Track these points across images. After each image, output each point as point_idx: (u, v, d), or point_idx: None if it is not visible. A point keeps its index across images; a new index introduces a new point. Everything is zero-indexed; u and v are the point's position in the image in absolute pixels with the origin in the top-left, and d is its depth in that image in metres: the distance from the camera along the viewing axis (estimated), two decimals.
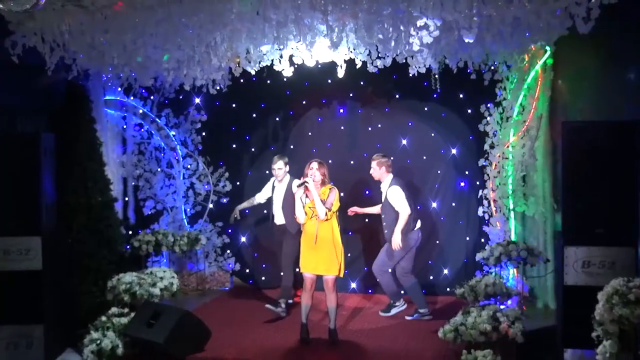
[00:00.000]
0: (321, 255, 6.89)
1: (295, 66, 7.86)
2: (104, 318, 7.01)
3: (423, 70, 7.60)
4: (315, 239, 6.86)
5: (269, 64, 7.55)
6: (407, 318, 8.04)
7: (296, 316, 7.27)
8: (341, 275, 7.12)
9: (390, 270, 8.13)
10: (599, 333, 5.65)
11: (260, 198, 8.77)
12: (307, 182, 6.95)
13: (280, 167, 8.38)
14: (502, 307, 6.83)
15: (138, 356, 6.72)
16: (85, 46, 6.82)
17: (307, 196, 6.99)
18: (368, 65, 7.40)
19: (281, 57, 7.38)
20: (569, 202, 6.46)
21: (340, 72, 7.60)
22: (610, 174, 6.27)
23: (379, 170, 8.12)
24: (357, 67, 7.59)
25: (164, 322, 6.54)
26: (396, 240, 7.78)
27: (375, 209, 8.38)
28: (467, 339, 6.28)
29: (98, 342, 6.59)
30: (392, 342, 6.99)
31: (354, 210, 8.41)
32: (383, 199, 8.12)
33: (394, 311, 8.16)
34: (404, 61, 7.28)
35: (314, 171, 7.02)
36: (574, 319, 6.26)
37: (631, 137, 6.22)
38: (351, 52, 7.28)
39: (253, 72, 7.70)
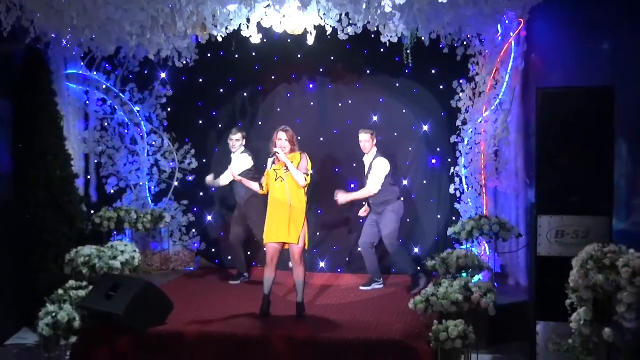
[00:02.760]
0: (283, 222, 6.66)
1: (265, 40, 7.64)
2: (60, 291, 6.69)
3: (395, 40, 7.43)
4: (289, 199, 6.66)
5: (236, 28, 7.28)
6: (362, 288, 8.08)
7: (262, 293, 6.99)
8: (305, 247, 6.89)
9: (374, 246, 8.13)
10: (573, 300, 5.53)
11: (224, 180, 8.56)
12: (277, 153, 6.74)
13: (238, 138, 8.35)
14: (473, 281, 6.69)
15: (97, 329, 6.41)
16: (43, 5, 6.51)
17: (274, 162, 6.78)
18: (339, 32, 7.20)
19: (248, 20, 7.13)
20: (543, 170, 6.29)
21: (311, 40, 7.37)
22: (586, 141, 6.12)
23: (372, 143, 7.99)
24: (328, 33, 7.39)
25: (124, 294, 6.26)
26: (344, 199, 8.01)
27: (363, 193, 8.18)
28: (438, 310, 6.11)
29: (54, 314, 6.28)
30: (361, 315, 6.80)
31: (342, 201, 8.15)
32: (367, 171, 8.02)
33: (374, 286, 8.06)
34: (376, 29, 7.09)
35: (283, 142, 6.81)
36: (546, 290, 6.13)
37: (607, 103, 6.08)
38: (321, 17, 7.07)
39: (220, 39, 7.42)
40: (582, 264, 5.42)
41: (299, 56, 8.95)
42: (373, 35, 7.70)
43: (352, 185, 8.90)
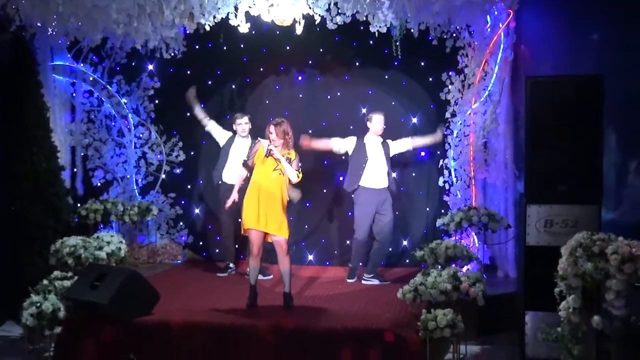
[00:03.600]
0: (276, 214, 6.60)
1: (253, 32, 7.56)
2: (45, 282, 6.61)
3: (384, 30, 7.40)
4: (287, 195, 6.67)
5: (224, 16, 7.22)
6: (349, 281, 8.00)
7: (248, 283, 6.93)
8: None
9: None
10: (562, 288, 5.50)
11: (208, 123, 8.68)
12: (272, 151, 6.68)
13: (247, 121, 8.31)
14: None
15: (82, 320, 6.33)
16: None
17: (270, 155, 6.73)
18: (328, 22, 7.18)
19: (236, 9, 7.08)
20: (532, 159, 6.28)
21: (299, 29, 7.33)
22: (575, 129, 6.11)
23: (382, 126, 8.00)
24: (316, 22, 7.34)
25: (109, 283, 6.16)
26: None
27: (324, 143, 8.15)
28: (426, 299, 6.07)
29: (38, 304, 6.18)
30: (349, 306, 6.74)
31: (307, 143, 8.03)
32: (379, 152, 7.99)
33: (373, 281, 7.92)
34: (365, 19, 7.07)
35: (273, 136, 6.75)
36: (535, 280, 6.12)
37: (596, 91, 6.07)
38: (310, 6, 7.02)
39: (208, 27, 7.36)
40: (571, 252, 5.39)
41: (288, 48, 8.90)
42: (362, 27, 7.71)
43: (341, 178, 8.85)
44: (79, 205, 8.92)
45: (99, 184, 9.37)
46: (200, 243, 9.41)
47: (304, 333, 5.95)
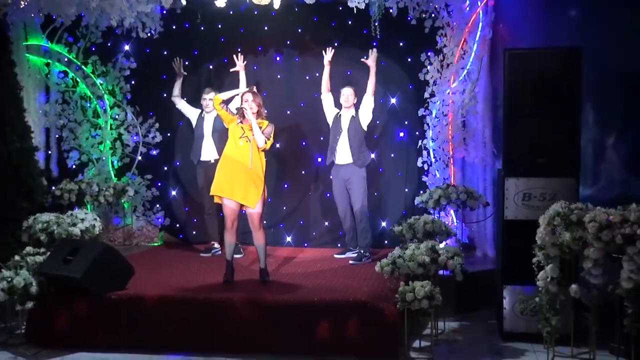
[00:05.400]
0: (241, 183, 6.50)
1: (231, 12, 7.44)
2: (17, 257, 6.47)
3: (362, 6, 7.36)
4: (250, 162, 6.49)
5: None
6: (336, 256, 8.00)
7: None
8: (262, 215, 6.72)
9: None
10: (539, 259, 5.49)
11: (179, 102, 8.61)
12: (244, 108, 6.61)
13: (211, 97, 8.12)
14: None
15: (54, 295, 6.21)
16: None
17: (241, 121, 6.64)
18: None
19: None
20: (510, 132, 6.27)
21: (277, 3, 7.25)
22: (553, 102, 6.11)
23: (353, 98, 7.88)
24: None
25: (82, 257, 6.06)
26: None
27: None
28: (404, 272, 6.02)
29: (9, 279, 6.05)
30: (327, 281, 6.68)
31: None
32: (347, 126, 7.84)
33: (364, 260, 7.74)
34: None
35: (250, 103, 6.69)
36: (513, 254, 6.10)
37: (574, 64, 6.06)
38: None
39: (184, 2, 7.27)
40: (549, 221, 5.40)
41: (266, 28, 8.83)
42: (341, 7, 7.67)
43: (319, 159, 8.80)
44: (53, 187, 8.77)
45: (74, 166, 9.23)
46: (177, 225, 9.29)
47: (280, 306, 5.88)
